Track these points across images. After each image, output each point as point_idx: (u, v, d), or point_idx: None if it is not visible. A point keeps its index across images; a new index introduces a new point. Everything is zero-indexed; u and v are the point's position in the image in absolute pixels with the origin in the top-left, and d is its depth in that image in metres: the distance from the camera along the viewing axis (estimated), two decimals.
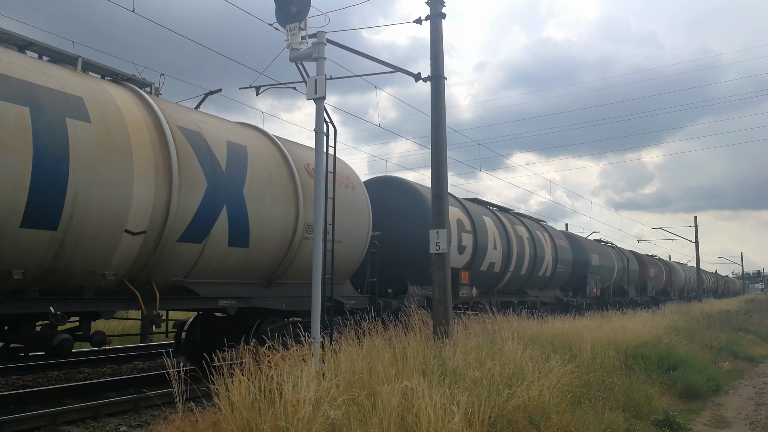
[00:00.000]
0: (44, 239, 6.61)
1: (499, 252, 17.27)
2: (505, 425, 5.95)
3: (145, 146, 7.61)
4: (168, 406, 7.42)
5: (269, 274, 9.74)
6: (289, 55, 8.83)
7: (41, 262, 6.69)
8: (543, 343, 9.57)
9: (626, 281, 32.05)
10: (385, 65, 10.76)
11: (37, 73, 6.87)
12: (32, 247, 6.56)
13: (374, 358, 6.42)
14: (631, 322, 15.06)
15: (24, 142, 6.36)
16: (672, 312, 22.69)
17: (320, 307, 8.16)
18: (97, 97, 7.39)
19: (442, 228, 9.99)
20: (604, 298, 27.23)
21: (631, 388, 8.93)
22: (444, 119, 10.38)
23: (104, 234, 7.14)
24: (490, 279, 17.10)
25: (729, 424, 8.73)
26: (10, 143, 6.25)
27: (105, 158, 7.11)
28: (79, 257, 7.01)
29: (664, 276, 41.12)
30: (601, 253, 28.38)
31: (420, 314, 9.04)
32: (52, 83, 6.91)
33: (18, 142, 6.31)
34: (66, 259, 6.89)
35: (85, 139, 6.93)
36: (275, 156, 9.96)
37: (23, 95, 6.48)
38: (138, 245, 7.54)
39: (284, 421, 4.77)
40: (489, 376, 6.76)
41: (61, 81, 7.08)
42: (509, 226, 18.52)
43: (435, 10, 10.44)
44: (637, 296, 33.50)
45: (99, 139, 7.10)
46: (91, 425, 7.55)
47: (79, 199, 6.79)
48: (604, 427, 6.88)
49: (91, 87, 7.51)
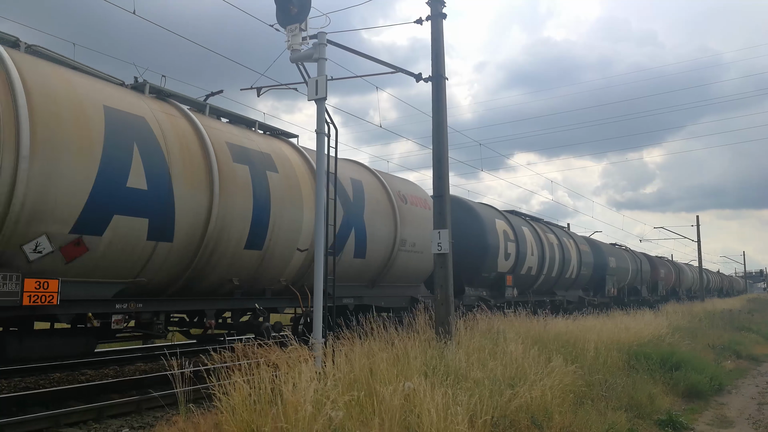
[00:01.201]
0: (255, 257, 9.48)
1: (535, 257, 19.87)
2: (508, 425, 5.93)
3: (307, 187, 10.58)
4: (170, 407, 7.43)
5: (374, 278, 12.60)
6: (289, 56, 8.83)
7: (249, 272, 9.55)
8: (546, 343, 9.56)
9: (639, 281, 34.28)
10: (386, 65, 10.75)
11: (246, 139, 9.98)
12: (247, 263, 9.40)
13: (375, 358, 6.41)
14: (634, 322, 15.04)
15: (248, 190, 9.27)
16: (674, 311, 22.67)
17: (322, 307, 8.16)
18: (278, 153, 10.49)
19: (444, 228, 9.99)
20: (620, 297, 29.50)
21: (634, 388, 8.91)
22: (445, 119, 10.37)
23: (285, 251, 9.99)
24: (527, 281, 19.66)
25: (732, 423, 8.71)
26: (241, 193, 9.17)
27: (287, 197, 10.05)
28: (269, 269, 9.91)
29: (673, 276, 43.28)
30: (617, 256, 30.62)
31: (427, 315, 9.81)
32: (254, 146, 9.93)
33: (245, 191, 9.25)
34: (262, 270, 9.78)
35: (276, 184, 9.90)
36: (379, 187, 13.03)
37: (245, 158, 9.49)
38: (302, 259, 10.35)
39: (285, 422, 4.77)
40: (491, 376, 6.75)
41: (258, 143, 10.15)
42: (542, 234, 21.07)
43: (436, 10, 10.43)
44: (649, 295, 35.59)
45: (283, 183, 10.08)
46: (94, 427, 7.54)
47: (275, 227, 9.69)
48: (606, 427, 6.87)
49: (273, 146, 10.65)
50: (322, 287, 8.29)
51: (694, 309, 27.40)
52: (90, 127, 7.20)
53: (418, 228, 13.35)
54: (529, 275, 19.72)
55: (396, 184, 13.79)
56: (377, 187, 12.85)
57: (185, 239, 8.26)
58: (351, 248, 11.24)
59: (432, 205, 14.00)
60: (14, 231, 6.46)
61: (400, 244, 12.72)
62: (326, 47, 8.72)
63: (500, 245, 17.21)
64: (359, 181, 12.13)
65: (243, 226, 9.05)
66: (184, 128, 8.68)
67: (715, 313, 26.04)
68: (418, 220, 13.58)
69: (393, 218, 12.73)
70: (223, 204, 8.76)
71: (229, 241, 8.94)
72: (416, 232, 13.37)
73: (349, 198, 11.46)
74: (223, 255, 8.85)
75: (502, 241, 17.38)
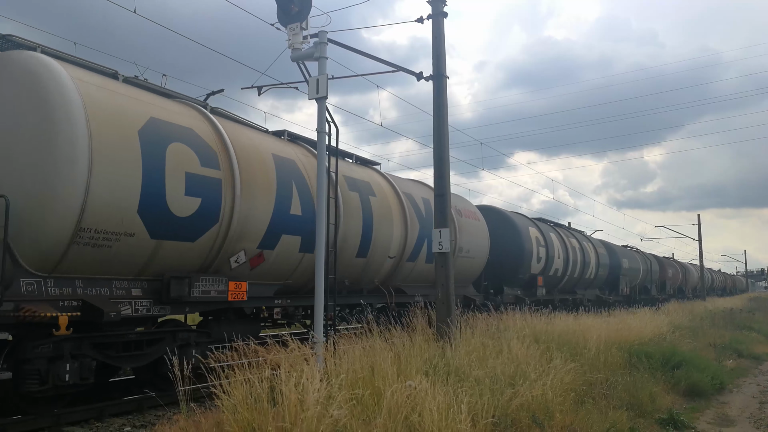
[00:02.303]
0: (361, 263, 11.92)
1: (561, 260, 22.28)
2: (509, 424, 5.93)
3: (396, 207, 13.05)
4: (171, 406, 7.43)
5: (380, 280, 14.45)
6: (290, 54, 8.83)
7: (356, 275, 11.96)
8: (547, 342, 9.56)
9: (649, 281, 36.72)
10: (387, 64, 10.76)
11: (353, 171, 12.42)
12: (356, 268, 11.82)
13: (377, 357, 6.41)
14: (635, 321, 15.04)
15: (358, 212, 11.67)
16: (676, 310, 22.66)
17: (322, 306, 8.17)
18: (374, 181, 12.96)
19: (444, 227, 9.99)
20: (632, 295, 31.77)
21: (635, 387, 8.91)
22: (446, 118, 10.37)
23: (380, 259, 12.45)
24: (554, 281, 22.05)
25: (733, 422, 8.71)
26: (353, 214, 11.51)
27: (382, 216, 12.38)
28: (368, 272, 12.33)
29: (680, 276, 45.83)
30: (630, 257, 33.10)
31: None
32: (359, 176, 12.39)
33: (357, 212, 11.62)
34: (364, 273, 12.24)
35: (375, 206, 12.22)
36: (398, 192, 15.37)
37: (355, 186, 11.91)
38: (390, 264, 12.84)
39: (286, 421, 4.77)
40: (492, 375, 6.75)
41: (360, 174, 12.58)
42: (566, 239, 23.57)
43: (437, 9, 10.43)
44: (658, 294, 38.13)
45: (379, 205, 12.38)
46: (95, 425, 7.55)
47: (375, 240, 12.06)
48: (608, 425, 6.86)
49: (370, 175, 13.12)
50: (323, 285, 8.30)
51: (696, 308, 27.38)
52: (268, 171, 9.70)
53: (470, 237, 15.94)
54: (556, 276, 22.04)
55: (453, 199, 15.80)
56: None
57: None
58: (424, 255, 13.82)
59: (480, 217, 17.33)
60: (228, 248, 8.81)
61: (458, 251, 15.07)
62: (327, 46, 8.71)
63: (533, 250, 19.63)
64: (428, 200, 14.51)
65: (355, 239, 11.60)
66: (275, 150, 10.60)
67: (716, 312, 26.02)
68: (470, 230, 16.14)
69: (453, 230, 15.01)
70: (344, 224, 11.16)
71: (346, 251, 11.31)
72: (469, 240, 15.87)
73: (423, 215, 13.95)
74: (341, 262, 10.80)
75: (535, 246, 19.82)
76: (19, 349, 6.85)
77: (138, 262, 7.80)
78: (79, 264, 7.18)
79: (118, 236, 7.37)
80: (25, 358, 6.77)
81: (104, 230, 7.19)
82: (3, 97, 7.10)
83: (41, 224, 6.76)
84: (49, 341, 6.93)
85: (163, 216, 7.81)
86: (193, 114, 8.98)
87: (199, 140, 8.49)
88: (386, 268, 12.75)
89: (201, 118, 9.03)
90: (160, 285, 8.10)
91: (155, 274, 8.09)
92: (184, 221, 8.07)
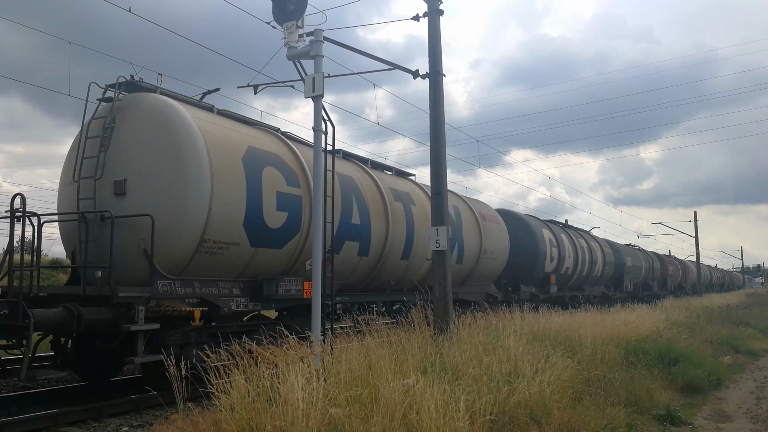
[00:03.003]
0: (404, 264, 13.46)
1: (571, 259, 23.97)
2: (507, 421, 5.94)
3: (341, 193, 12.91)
4: (169, 406, 7.43)
5: (465, 279, 16.66)
6: (286, 53, 8.81)
7: (399, 275, 13.53)
8: (544, 339, 9.57)
9: (651, 278, 38.71)
10: (384, 62, 10.74)
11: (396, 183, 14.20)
12: (400, 269, 13.43)
13: (374, 355, 6.41)
14: (632, 317, 15.06)
15: (402, 219, 13.32)
16: (672, 306, 22.70)
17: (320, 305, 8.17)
18: (413, 191, 14.69)
19: (441, 225, 9.99)
20: (636, 292, 33.67)
21: (633, 383, 8.92)
22: (443, 116, 10.36)
23: (419, 261, 13.89)
24: (565, 279, 23.80)
25: (730, 418, 8.73)
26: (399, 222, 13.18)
27: (421, 222, 13.77)
28: (409, 273, 13.88)
29: (680, 273, 48.00)
30: (633, 255, 35.06)
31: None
32: (401, 187, 14.11)
33: (401, 220, 13.30)
34: (406, 274, 13.73)
35: (415, 214, 13.85)
36: (468, 210, 17.16)
37: (398, 197, 13.59)
38: (427, 265, 13.68)
39: (283, 420, 4.77)
40: (489, 372, 6.75)
41: (401, 185, 14.32)
42: (575, 239, 25.25)
43: (433, 6, 10.42)
44: (659, 290, 40.10)
45: (418, 212, 13.99)
46: (93, 426, 7.54)
47: (416, 245, 13.59)
48: (605, 422, 6.87)
49: (409, 186, 14.87)
50: (320, 284, 8.30)
51: (692, 304, 27.43)
52: (340, 188, 11.28)
53: (493, 239, 17.72)
54: (566, 274, 23.77)
55: (477, 206, 18.23)
56: (467, 210, 17.14)
57: (374, 254, 12.39)
58: (455, 257, 15.27)
59: (501, 221, 19.04)
60: (305, 253, 10.27)
61: (483, 253, 16.99)
62: (323, 44, 8.70)
63: (547, 250, 21.25)
64: (457, 207, 16.25)
65: (400, 245, 13.17)
66: (369, 181, 12.88)
67: (712, 309, 26.08)
68: (493, 234, 17.87)
69: (479, 234, 16.96)
70: (392, 231, 12.80)
71: (393, 254, 12.96)
72: (492, 242, 17.61)
73: (453, 221, 15.38)
74: (389, 264, 12.77)
75: (548, 246, 21.44)
76: (159, 337, 8.19)
77: (239, 266, 9.39)
78: (198, 268, 8.73)
79: (228, 245, 8.97)
80: (164, 344, 8.11)
81: (219, 241, 8.80)
82: (139, 132, 8.72)
83: (175, 237, 8.34)
84: (180, 331, 8.47)
85: (261, 228, 9.43)
86: (275, 141, 10.68)
87: (283, 164, 10.19)
88: (423, 269, 14.13)
89: (282, 144, 10.74)
90: (254, 285, 9.69)
91: (250, 276, 9.68)
92: (275, 232, 9.76)
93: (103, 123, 8.98)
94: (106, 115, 9.03)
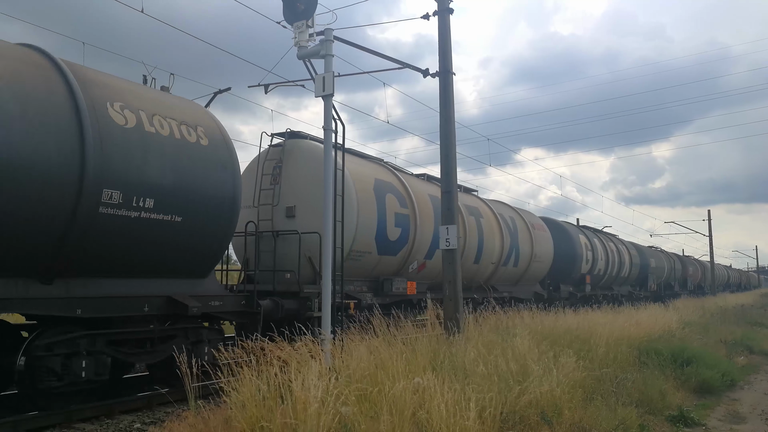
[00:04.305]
0: (475, 268, 16.46)
1: (603, 261, 27.04)
2: (517, 421, 5.91)
3: (495, 225, 17.65)
4: (180, 403, 7.47)
5: (518, 279, 19.65)
6: (296, 52, 8.84)
7: (469, 276, 15.77)
8: (556, 339, 9.52)
9: (673, 278, 41.91)
10: (394, 61, 10.74)
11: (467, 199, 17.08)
12: (471, 271, 16.09)
13: (384, 354, 6.41)
14: (645, 317, 14.94)
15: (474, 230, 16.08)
16: (685, 306, 22.50)
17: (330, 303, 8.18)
18: (480, 205, 17.62)
19: (452, 224, 9.97)
20: (659, 291, 36.33)
21: (645, 384, 8.84)
22: (453, 115, 10.34)
23: (487, 264, 17.05)
24: (597, 279, 26.74)
25: (744, 419, 8.64)
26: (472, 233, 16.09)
27: (489, 232, 16.91)
28: (478, 275, 16.80)
29: (699, 273, 50.59)
30: (656, 257, 38.20)
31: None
32: (471, 203, 16.95)
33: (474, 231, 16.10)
34: (475, 275, 16.59)
35: (484, 225, 16.74)
36: (522, 220, 20.17)
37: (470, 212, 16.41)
38: (492, 268, 17.44)
39: (294, 418, 4.78)
40: (500, 372, 6.72)
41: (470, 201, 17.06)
42: (606, 243, 28.23)
43: (443, 5, 10.40)
44: (680, 290, 42.80)
45: (486, 224, 16.96)
46: (106, 422, 7.60)
47: (485, 251, 16.68)
48: (617, 422, 6.82)
49: (476, 201, 17.68)
50: (330, 283, 8.30)
51: (706, 304, 27.18)
52: (429, 207, 14.12)
53: (541, 246, 20.56)
54: (599, 275, 26.77)
55: (527, 216, 21.20)
56: (521, 220, 20.15)
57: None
58: (512, 261, 18.41)
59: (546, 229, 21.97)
60: (410, 259, 13.34)
61: (533, 257, 19.90)
62: (333, 44, 8.71)
63: (583, 254, 24.44)
64: (513, 218, 19.52)
65: (473, 251, 16.01)
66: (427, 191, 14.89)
67: (726, 309, 25.80)
68: (541, 240, 20.73)
69: (530, 241, 19.88)
70: (468, 240, 15.67)
71: (468, 259, 15.64)
72: (540, 248, 20.48)
73: (510, 229, 18.47)
74: (464, 268, 14.03)
75: (584, 250, 24.72)
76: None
77: (369, 269, 12.32)
78: (346, 271, 10.84)
79: (364, 254, 11.88)
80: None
81: (360, 250, 11.68)
82: (302, 170, 11.66)
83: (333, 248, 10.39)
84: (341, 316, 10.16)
85: (385, 240, 12.35)
86: (388, 172, 13.71)
87: (396, 190, 13.22)
88: (489, 271, 17.39)
89: (392, 174, 13.76)
90: (376, 283, 12.66)
91: (373, 277, 12.59)
92: (393, 243, 12.71)
93: (274, 163, 11.89)
94: (276, 157, 11.90)
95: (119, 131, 7.34)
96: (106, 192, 7.04)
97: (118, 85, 7.94)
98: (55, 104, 6.78)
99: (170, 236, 7.91)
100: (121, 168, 7.20)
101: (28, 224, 6.50)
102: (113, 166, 7.13)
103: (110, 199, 7.10)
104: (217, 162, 8.63)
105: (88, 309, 7.31)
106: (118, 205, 7.18)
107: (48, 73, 7.01)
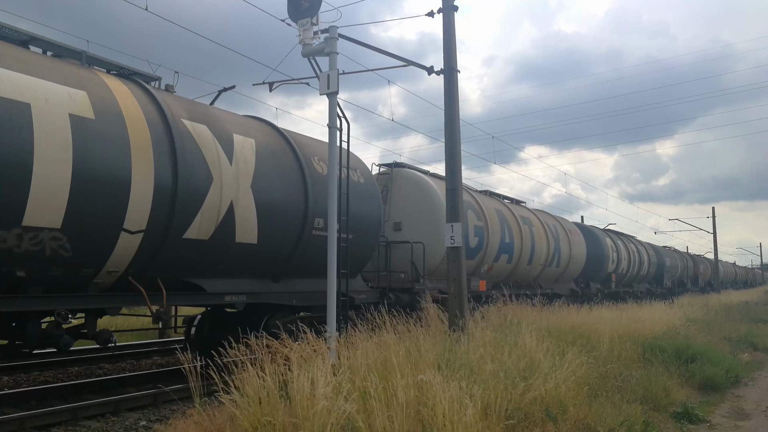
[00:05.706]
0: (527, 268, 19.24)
1: (625, 261, 30.17)
2: (522, 418, 5.92)
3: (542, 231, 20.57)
4: (186, 400, 7.50)
5: (557, 278, 22.22)
6: (301, 50, 8.83)
7: (522, 276, 19.50)
8: (561, 336, 9.51)
9: (685, 276, 45.15)
10: (398, 59, 10.72)
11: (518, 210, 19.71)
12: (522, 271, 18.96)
13: (388, 351, 6.41)
14: (649, 314, 14.93)
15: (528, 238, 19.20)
16: (690, 303, 22.46)
17: (335, 301, 8.20)
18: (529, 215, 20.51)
19: (456, 222, 9.96)
20: (673, 288, 39.21)
21: (649, 381, 8.85)
22: (457, 112, 10.33)
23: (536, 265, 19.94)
24: (620, 277, 29.77)
25: (748, 415, 8.64)
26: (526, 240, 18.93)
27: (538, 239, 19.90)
28: (530, 274, 19.91)
29: (710, 271, 53.49)
30: (670, 256, 41.60)
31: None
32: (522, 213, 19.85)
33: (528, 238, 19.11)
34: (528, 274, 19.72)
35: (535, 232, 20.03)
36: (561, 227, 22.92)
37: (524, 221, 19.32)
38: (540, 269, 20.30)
39: (298, 416, 4.79)
40: (504, 369, 6.72)
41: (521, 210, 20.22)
42: (628, 245, 31.55)
43: (447, 2, 10.37)
44: (692, 287, 45.66)
45: (536, 231, 19.94)
46: (111, 420, 7.64)
47: (535, 255, 19.60)
48: (622, 419, 6.82)
49: (525, 211, 20.66)
50: (335, 280, 8.32)
51: (710, 301, 27.13)
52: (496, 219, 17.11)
53: (576, 248, 23.51)
54: (622, 273, 29.90)
55: (565, 223, 24.33)
56: (560, 227, 22.95)
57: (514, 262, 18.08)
58: (555, 262, 21.20)
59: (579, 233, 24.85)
60: (482, 263, 16.26)
61: (571, 258, 22.94)
62: (338, 41, 8.70)
63: (609, 255, 27.54)
64: (555, 225, 22.25)
65: (527, 254, 18.47)
66: (509, 213, 18.50)
67: (730, 305, 25.75)
68: (576, 243, 23.69)
69: (569, 244, 22.84)
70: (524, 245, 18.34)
71: (523, 261, 18.34)
72: (576, 250, 23.37)
73: (554, 235, 21.37)
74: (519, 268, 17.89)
75: (610, 252, 27.81)
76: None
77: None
78: (438, 272, 13.67)
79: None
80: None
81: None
82: (405, 193, 14.77)
83: (432, 255, 13.95)
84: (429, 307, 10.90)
85: (467, 247, 13.91)
86: (465, 193, 14.99)
87: (473, 207, 16.00)
88: (537, 271, 20.11)
89: (467, 192, 16.12)
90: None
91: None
92: (473, 249, 15.36)
93: (382, 187, 14.26)
94: (384, 183, 14.76)
95: (320, 177, 10.45)
96: (317, 220, 10.20)
97: (313, 144, 11.30)
98: (293, 166, 10.25)
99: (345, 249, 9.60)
100: (322, 202, 9.68)
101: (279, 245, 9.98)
102: (318, 201, 10.11)
103: (318, 225, 10.22)
104: (369, 195, 11.93)
105: (299, 299, 10.42)
106: (322, 228, 10.09)
107: (282, 142, 10.42)
